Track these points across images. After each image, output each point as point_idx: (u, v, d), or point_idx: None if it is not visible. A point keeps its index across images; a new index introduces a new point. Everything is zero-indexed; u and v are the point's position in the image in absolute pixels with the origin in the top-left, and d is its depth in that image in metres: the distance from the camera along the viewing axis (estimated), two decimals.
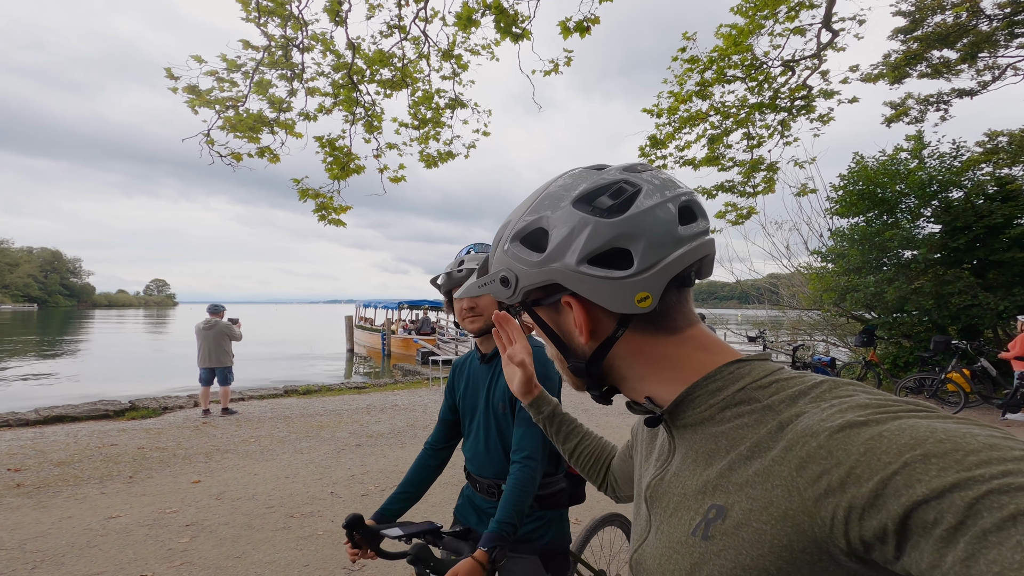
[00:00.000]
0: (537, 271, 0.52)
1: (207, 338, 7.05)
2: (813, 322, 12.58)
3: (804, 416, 0.41)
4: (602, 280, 0.48)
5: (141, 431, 5.97)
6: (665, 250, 0.48)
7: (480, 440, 1.44)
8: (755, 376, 0.48)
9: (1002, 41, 8.15)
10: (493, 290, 0.58)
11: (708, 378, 0.49)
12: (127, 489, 3.95)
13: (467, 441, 1.52)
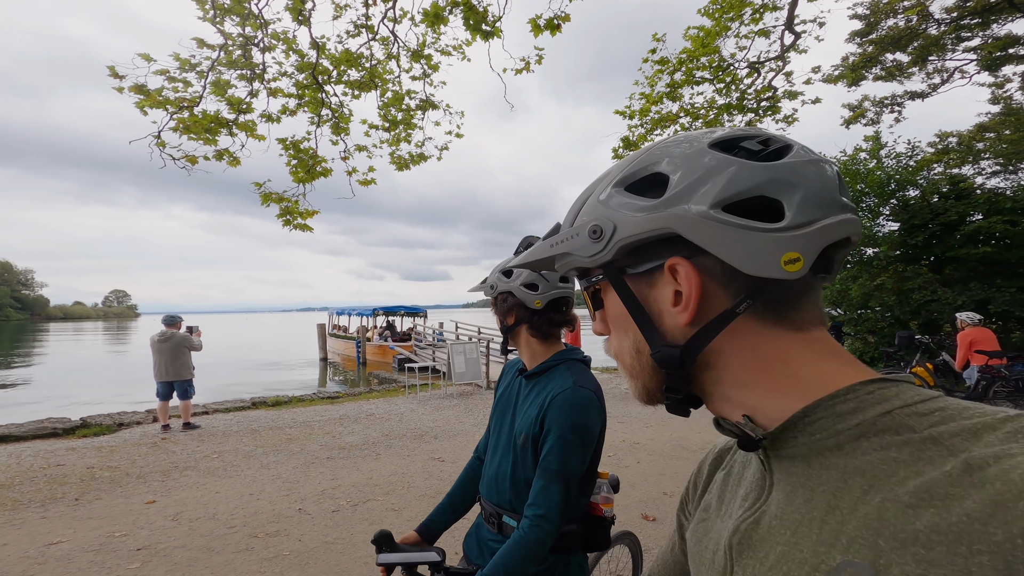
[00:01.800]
0: (648, 217, 0.40)
1: (163, 351, 6.67)
2: None
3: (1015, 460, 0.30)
4: (742, 230, 0.37)
5: (92, 449, 5.59)
6: (825, 210, 0.38)
7: (495, 460, 1.29)
8: (906, 400, 0.36)
9: (949, 45, 8.56)
10: (574, 246, 0.46)
11: (837, 396, 0.38)
12: (71, 512, 3.65)
13: (487, 453, 1.38)
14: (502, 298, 1.27)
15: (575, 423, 1.12)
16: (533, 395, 1.24)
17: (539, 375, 1.26)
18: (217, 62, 5.73)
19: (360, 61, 6.61)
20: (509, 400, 1.33)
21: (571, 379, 1.19)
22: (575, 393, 1.15)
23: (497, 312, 1.30)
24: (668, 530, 3.33)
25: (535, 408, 1.19)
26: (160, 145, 5.47)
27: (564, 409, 1.13)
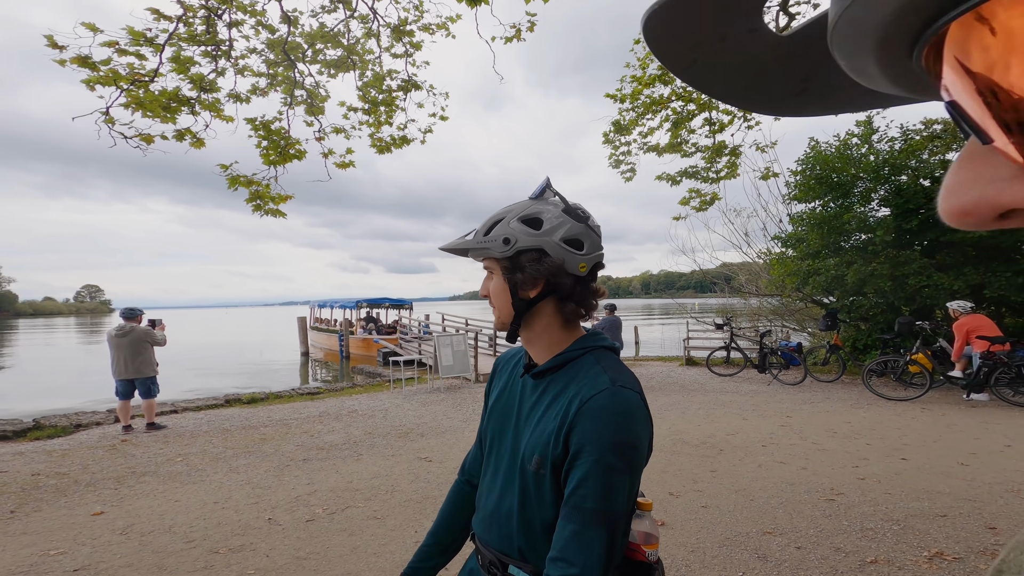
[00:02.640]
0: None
1: (121, 346, 6.16)
2: (773, 308, 12.78)
3: None
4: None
5: (42, 454, 5.10)
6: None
7: (493, 491, 0.93)
8: None
9: None
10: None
11: None
12: (3, 527, 3.21)
13: (482, 479, 0.99)
14: (530, 258, 0.86)
15: (619, 441, 0.76)
16: (548, 400, 0.87)
17: (554, 371, 0.89)
18: (176, 35, 5.21)
19: (337, 38, 6.15)
20: (509, 408, 0.95)
21: (606, 376, 0.82)
22: (615, 397, 0.79)
23: (507, 279, 0.89)
24: (681, 538, 3.06)
25: (553, 419, 0.83)
26: (108, 122, 4.95)
27: (602, 420, 0.77)
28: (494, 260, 0.91)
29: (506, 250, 0.87)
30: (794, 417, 6.23)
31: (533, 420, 0.87)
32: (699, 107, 7.57)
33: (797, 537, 3.06)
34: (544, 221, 0.87)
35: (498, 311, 0.92)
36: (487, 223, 0.91)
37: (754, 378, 9.32)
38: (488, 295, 0.94)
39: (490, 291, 0.93)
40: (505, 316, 0.92)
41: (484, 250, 0.89)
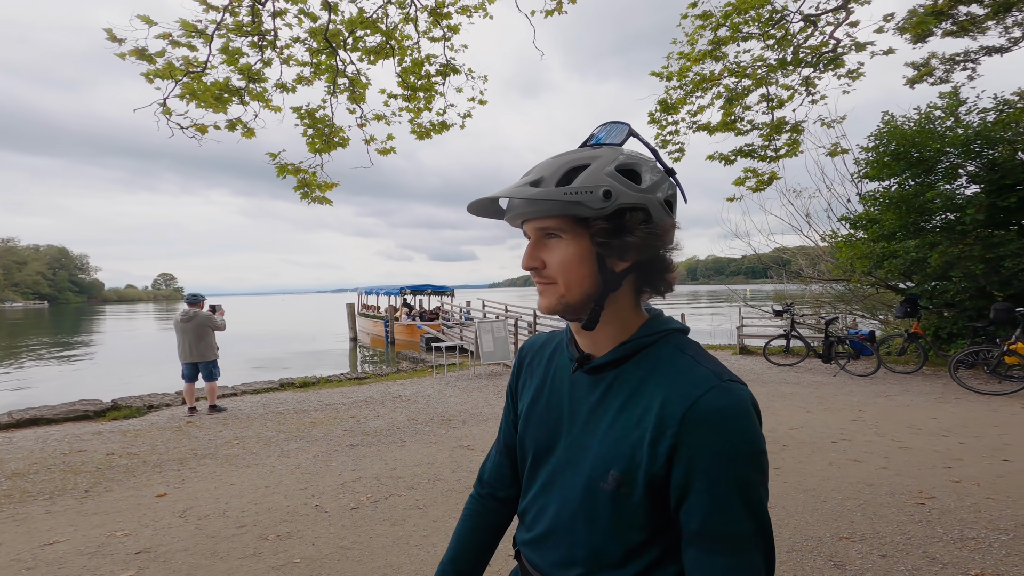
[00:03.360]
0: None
1: (186, 331, 6.50)
2: (838, 294, 11.86)
3: None
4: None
5: (118, 434, 5.47)
6: None
7: (547, 510, 0.76)
8: None
9: None
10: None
11: None
12: (78, 506, 3.42)
13: (526, 495, 0.83)
14: (637, 219, 0.66)
15: (751, 451, 0.61)
16: (617, 401, 0.69)
17: (620, 363, 0.71)
18: (223, 26, 5.32)
19: (376, 24, 6.10)
20: (556, 410, 0.77)
21: (705, 369, 0.66)
22: (729, 396, 0.63)
23: (596, 245, 0.67)
24: None
25: (635, 426, 0.66)
26: (166, 113, 5.14)
27: (724, 428, 0.61)
28: (568, 220, 0.67)
29: (606, 205, 0.65)
30: (868, 411, 5.74)
31: (599, 427, 0.70)
32: (756, 82, 7.01)
33: (880, 544, 2.77)
34: (642, 175, 0.68)
35: (568, 288, 0.69)
36: (556, 168, 0.67)
37: (817, 368, 8.69)
38: (541, 266, 0.70)
39: (551, 262, 0.69)
40: (580, 295, 0.69)
41: (573, 204, 0.65)
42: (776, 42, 6.68)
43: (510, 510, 0.93)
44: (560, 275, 0.69)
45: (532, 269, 0.71)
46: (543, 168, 0.68)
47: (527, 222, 0.71)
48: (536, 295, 0.78)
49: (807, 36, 6.64)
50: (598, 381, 0.72)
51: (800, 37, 6.67)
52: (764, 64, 6.88)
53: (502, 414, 0.94)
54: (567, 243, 0.68)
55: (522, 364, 0.90)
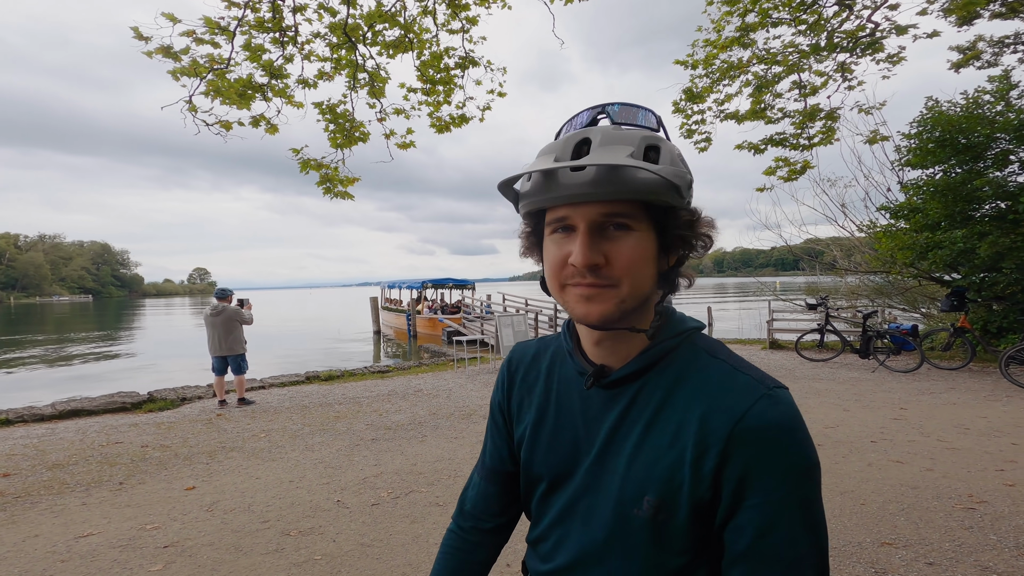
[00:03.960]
0: None
1: (215, 325, 6.66)
2: (877, 287, 11.35)
3: None
4: None
5: (152, 426, 5.65)
6: None
7: (568, 540, 0.67)
8: None
9: None
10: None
11: None
12: (112, 499, 3.53)
13: (538, 523, 0.73)
14: (691, 213, 0.61)
15: (808, 465, 0.55)
16: (644, 417, 0.61)
17: (642, 374, 0.63)
18: (245, 22, 5.37)
19: (394, 18, 6.06)
20: (569, 430, 0.68)
21: (747, 376, 0.59)
22: (779, 405, 0.56)
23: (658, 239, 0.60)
24: None
25: (670, 446, 0.59)
26: (192, 110, 5.23)
27: (779, 444, 0.54)
28: (641, 207, 0.57)
29: (690, 195, 0.61)
30: (910, 409, 5.46)
31: (624, 448, 0.62)
32: (787, 69, 6.70)
33: (927, 551, 2.62)
34: (673, 160, 0.59)
35: (632, 291, 0.58)
36: (634, 141, 0.56)
37: (854, 364, 8.32)
38: (603, 263, 0.57)
39: (618, 258, 0.57)
40: (640, 299, 0.60)
41: (671, 188, 0.56)
42: (808, 27, 6.36)
43: (498, 541, 0.82)
44: (627, 275, 0.57)
45: (594, 267, 0.56)
46: (613, 137, 0.57)
47: (590, 205, 0.56)
48: None
49: (842, 20, 6.29)
50: (617, 396, 0.64)
51: (835, 21, 6.32)
52: (796, 50, 6.57)
53: (486, 433, 0.84)
54: (640, 236, 0.57)
55: (513, 379, 0.79)
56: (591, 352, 0.67)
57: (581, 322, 0.60)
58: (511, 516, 0.82)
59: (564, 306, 0.62)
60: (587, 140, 0.57)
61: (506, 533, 0.83)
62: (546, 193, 0.57)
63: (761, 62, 6.72)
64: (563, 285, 0.60)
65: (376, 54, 6.24)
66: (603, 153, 0.55)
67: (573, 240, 0.58)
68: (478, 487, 0.82)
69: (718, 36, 6.73)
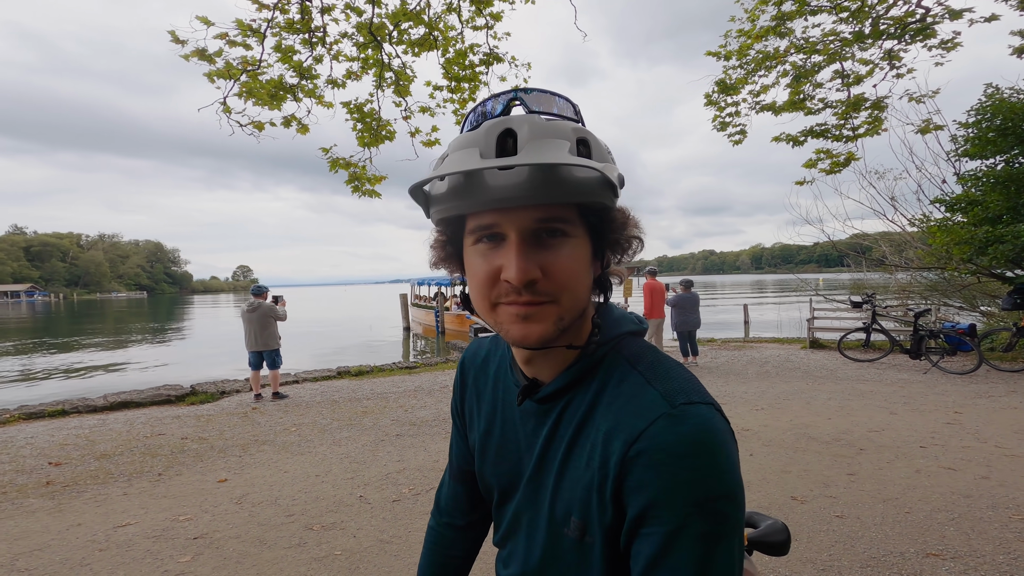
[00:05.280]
0: None
1: (252, 320, 6.90)
2: (930, 283, 10.66)
3: None
4: None
5: (193, 418, 5.91)
6: None
7: (517, 554, 0.66)
8: None
9: None
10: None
11: None
12: (151, 489, 3.70)
13: (499, 528, 0.71)
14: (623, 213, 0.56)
15: (708, 496, 0.47)
16: (568, 433, 0.58)
17: (570, 388, 0.58)
18: (275, 24, 5.52)
19: (419, 16, 6.09)
20: (511, 445, 0.65)
21: (653, 390, 0.52)
22: (682, 424, 0.49)
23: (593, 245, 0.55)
24: (808, 552, 2.54)
25: (585, 467, 0.55)
26: (226, 111, 5.42)
27: (672, 468, 0.48)
28: (575, 210, 0.51)
29: (619, 193, 0.53)
30: (966, 413, 5.11)
31: (552, 464, 0.59)
32: (827, 58, 6.34)
33: (978, 563, 2.46)
34: (604, 155, 0.54)
35: (572, 305, 0.52)
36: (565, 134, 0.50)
37: (903, 365, 7.84)
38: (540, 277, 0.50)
39: (556, 270, 0.50)
40: (577, 313, 0.54)
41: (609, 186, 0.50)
42: (851, 14, 5.98)
43: (473, 536, 0.83)
44: (566, 288, 0.51)
45: (530, 282, 0.50)
46: (544, 129, 0.49)
47: (523, 210, 0.49)
48: None
49: (888, 6, 5.87)
50: (548, 411, 0.60)
51: (880, 8, 5.91)
52: (837, 38, 6.20)
53: (451, 436, 0.83)
54: (577, 243, 0.52)
55: (465, 382, 0.76)
56: (523, 366, 0.63)
57: (518, 345, 0.54)
58: (482, 513, 0.82)
59: (496, 328, 0.54)
60: (511, 132, 0.49)
61: (480, 528, 0.83)
62: (468, 197, 0.49)
63: (799, 51, 6.40)
64: (495, 304, 0.53)
65: (402, 53, 6.29)
66: (536, 148, 0.47)
67: (503, 252, 0.50)
68: (449, 487, 0.84)
69: (752, 26, 6.46)
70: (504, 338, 0.54)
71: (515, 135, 0.49)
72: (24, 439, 5.03)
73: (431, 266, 0.63)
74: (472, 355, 0.77)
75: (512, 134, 0.49)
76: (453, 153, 0.51)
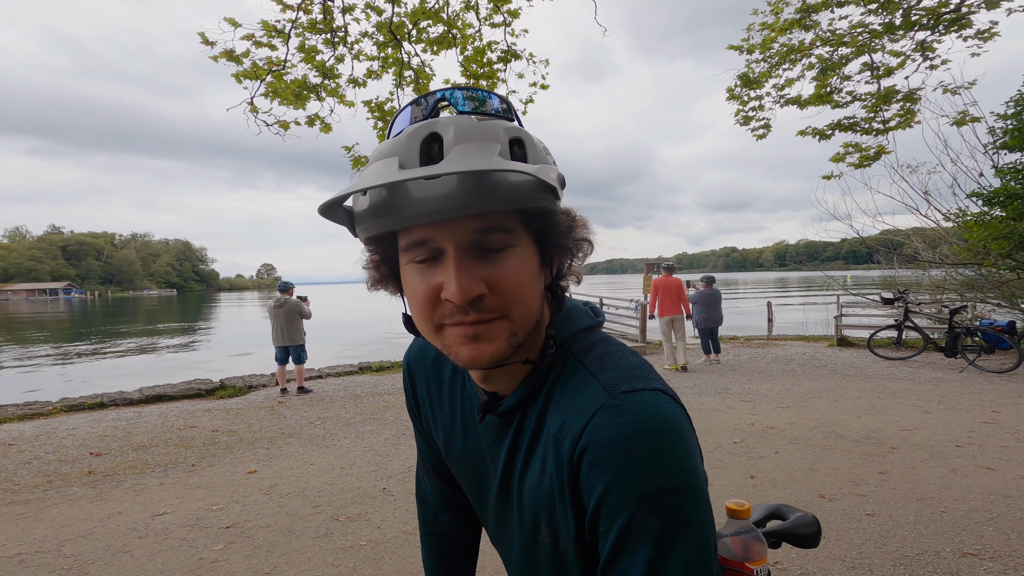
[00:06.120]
0: None
1: (278, 316, 7.07)
2: (966, 280, 10.26)
3: None
4: None
5: (222, 411, 6.10)
6: None
7: (511, 561, 0.64)
8: None
9: None
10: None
11: None
12: (185, 479, 3.84)
13: (488, 533, 0.71)
14: (568, 215, 0.53)
15: (654, 490, 0.44)
16: (527, 439, 0.56)
17: (530, 399, 0.56)
18: (299, 24, 5.63)
19: (438, 14, 6.14)
20: (476, 452, 0.63)
21: (595, 382, 0.50)
22: (621, 415, 0.46)
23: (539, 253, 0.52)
24: (836, 550, 2.49)
25: (543, 472, 0.53)
26: (253, 111, 5.56)
27: (614, 463, 0.45)
28: (517, 217, 0.48)
29: (560, 195, 0.50)
30: (1005, 412, 4.94)
31: (515, 475, 0.58)
32: (856, 50, 6.13)
33: (1019, 563, 2.41)
34: (541, 155, 0.51)
35: (523, 320, 0.49)
36: (498, 135, 0.46)
37: (937, 363, 7.58)
38: (486, 293, 0.47)
39: (503, 283, 0.47)
40: (530, 328, 0.51)
41: (548, 190, 0.47)
42: (880, 5, 5.78)
43: (472, 527, 0.82)
44: (516, 301, 0.48)
45: (475, 299, 0.46)
46: (471, 130, 0.45)
47: (458, 221, 0.45)
48: None
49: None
50: (508, 424, 0.58)
51: None
52: (866, 30, 6.00)
53: (415, 437, 0.81)
54: (522, 251, 0.48)
55: (415, 385, 0.73)
56: (479, 381, 0.60)
57: (468, 367, 0.50)
58: (471, 516, 0.81)
59: (444, 350, 0.51)
60: (436, 136, 0.45)
61: (476, 527, 0.82)
62: (394, 213, 0.44)
63: (826, 44, 6.21)
64: (439, 326, 0.49)
65: (420, 51, 6.35)
66: (463, 153, 0.43)
67: (442, 268, 0.47)
68: (431, 485, 0.81)
69: (776, 19, 6.31)
70: (455, 361, 0.50)
71: (440, 139, 0.45)
72: (66, 430, 5.27)
73: (368, 288, 0.59)
74: (417, 358, 0.73)
75: (437, 138, 0.45)
76: (372, 163, 0.47)
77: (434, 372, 0.70)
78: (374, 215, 0.46)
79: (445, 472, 0.78)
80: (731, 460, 3.88)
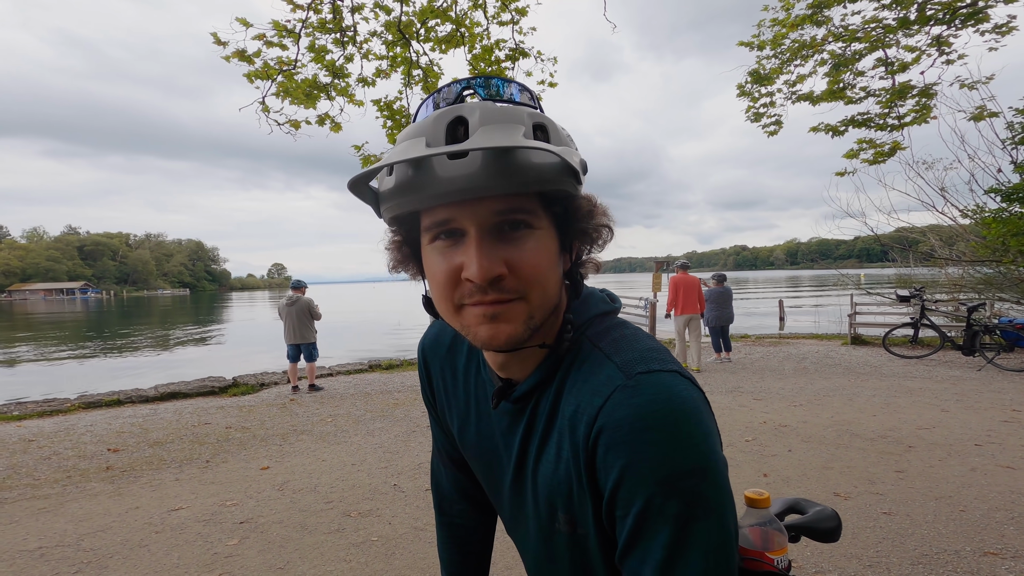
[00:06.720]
0: None
1: (291, 314, 7.14)
2: (984, 277, 10.07)
3: None
4: None
5: (235, 409, 6.17)
6: None
7: (528, 548, 0.64)
8: None
9: None
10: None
11: None
12: (200, 475, 3.89)
13: (503, 520, 0.70)
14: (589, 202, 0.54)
15: (675, 472, 0.43)
16: (539, 424, 0.56)
17: (545, 385, 0.56)
18: (309, 24, 5.68)
19: (446, 13, 6.15)
20: (490, 440, 0.63)
21: (610, 363, 0.50)
22: (638, 395, 0.46)
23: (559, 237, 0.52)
24: (852, 548, 2.46)
25: (559, 458, 0.53)
26: (264, 111, 5.61)
27: (631, 445, 0.44)
28: (538, 201, 0.48)
29: (582, 179, 0.51)
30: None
31: (529, 462, 0.57)
32: (869, 46, 6.03)
33: None
34: (564, 140, 0.52)
35: (542, 303, 0.50)
36: (521, 118, 0.47)
37: (954, 361, 7.45)
38: (506, 274, 0.47)
39: (522, 265, 0.47)
40: (548, 311, 0.51)
41: (572, 173, 0.47)
42: (894, 0, 5.68)
43: (489, 518, 0.82)
44: (535, 284, 0.48)
45: (495, 279, 0.46)
46: (496, 113, 0.46)
47: (481, 202, 0.45)
48: None
49: None
50: (522, 410, 0.58)
51: None
52: (880, 25, 5.90)
53: (431, 425, 0.82)
54: (543, 235, 0.49)
55: (430, 373, 0.73)
56: (494, 367, 0.59)
57: (486, 347, 0.50)
58: (487, 505, 0.82)
59: (462, 330, 0.51)
60: (462, 119, 0.46)
61: (490, 506, 0.81)
62: (419, 191, 0.45)
63: (838, 40, 6.13)
64: (459, 306, 0.50)
65: (429, 50, 6.36)
66: (488, 133, 0.43)
67: (463, 248, 0.47)
68: (446, 474, 0.82)
69: (787, 15, 6.23)
70: (472, 342, 0.51)
71: (466, 123, 0.45)
72: (84, 427, 5.37)
73: (389, 270, 0.60)
74: (432, 345, 0.73)
75: (463, 121, 0.46)
76: (399, 144, 0.47)
77: (448, 359, 0.70)
78: (399, 193, 0.46)
79: (460, 460, 0.78)
80: (743, 458, 3.85)
